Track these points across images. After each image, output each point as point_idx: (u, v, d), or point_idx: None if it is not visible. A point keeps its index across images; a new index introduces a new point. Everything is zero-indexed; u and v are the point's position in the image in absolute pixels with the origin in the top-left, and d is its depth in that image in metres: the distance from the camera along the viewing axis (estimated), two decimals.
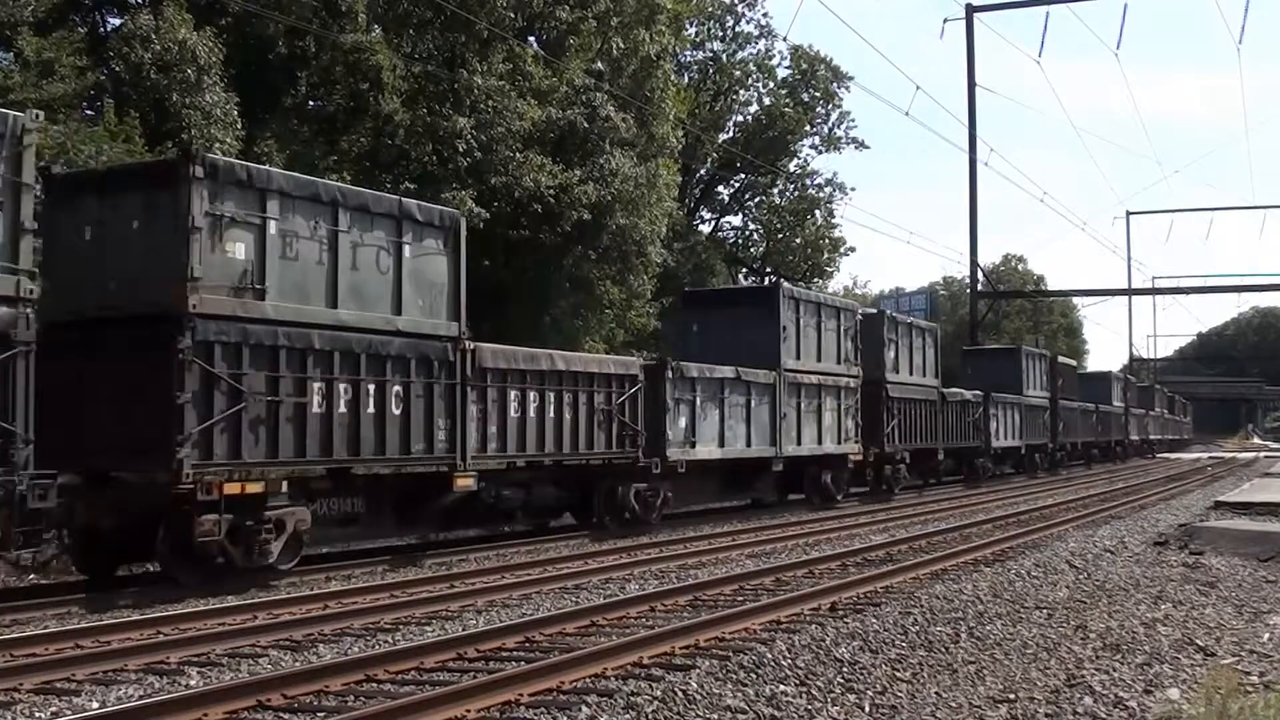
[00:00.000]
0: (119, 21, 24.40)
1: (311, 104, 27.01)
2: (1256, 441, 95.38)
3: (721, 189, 51.78)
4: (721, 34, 49.64)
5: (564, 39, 30.56)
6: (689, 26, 45.66)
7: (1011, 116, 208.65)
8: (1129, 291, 73.01)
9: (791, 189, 51.79)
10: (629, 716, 7.33)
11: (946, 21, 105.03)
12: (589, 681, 8.15)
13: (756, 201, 52.39)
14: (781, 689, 8.04)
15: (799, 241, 51.57)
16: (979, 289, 53.35)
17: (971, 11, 48.39)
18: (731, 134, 50.22)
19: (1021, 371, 41.55)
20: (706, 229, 51.27)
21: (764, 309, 24.51)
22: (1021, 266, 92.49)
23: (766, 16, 58.13)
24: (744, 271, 53.94)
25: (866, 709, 7.65)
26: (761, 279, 53.89)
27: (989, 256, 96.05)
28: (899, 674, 8.60)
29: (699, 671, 8.41)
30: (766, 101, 50.61)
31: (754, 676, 8.36)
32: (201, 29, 21.80)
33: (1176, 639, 10.18)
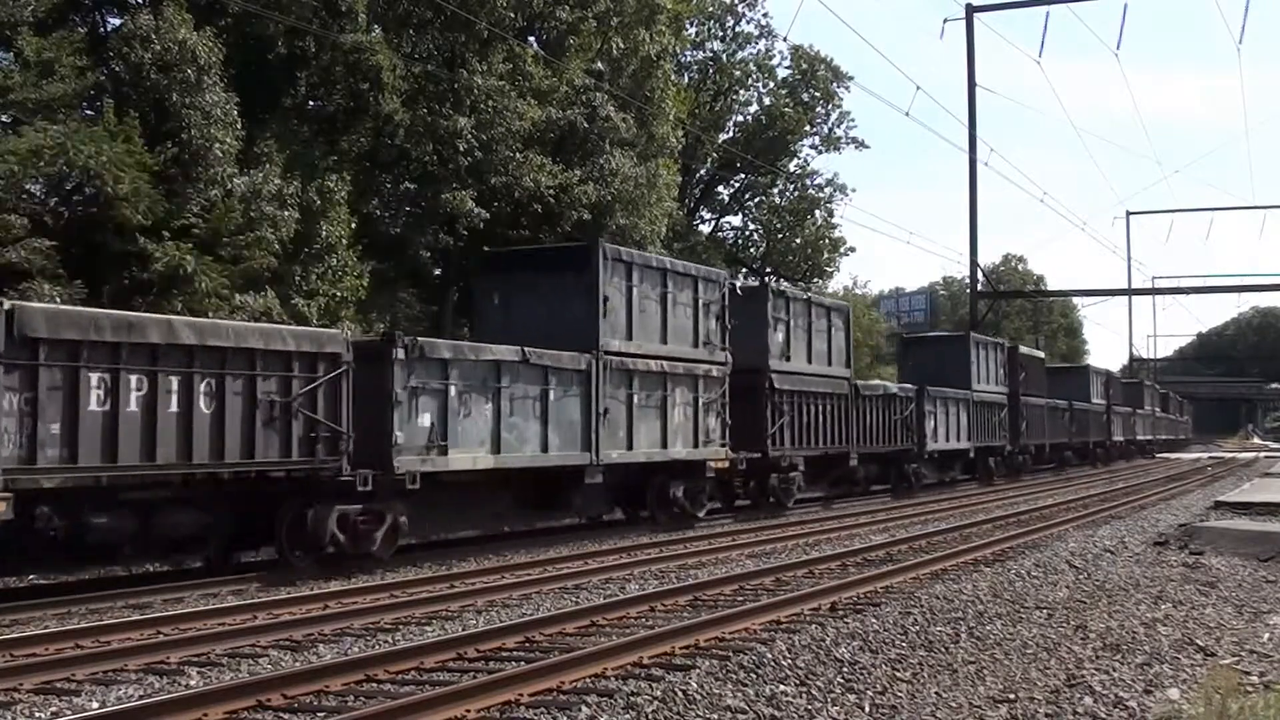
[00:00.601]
0: (119, 21, 24.37)
1: (311, 104, 27.01)
2: (1256, 441, 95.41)
3: (721, 189, 51.80)
4: (721, 34, 49.65)
5: (564, 39, 30.56)
6: (689, 26, 45.66)
7: (1011, 116, 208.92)
8: (1129, 291, 73.04)
9: (791, 189, 51.80)
10: (629, 716, 7.33)
11: (946, 21, 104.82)
12: (589, 681, 8.15)
13: (756, 201, 52.40)
14: (781, 689, 8.04)
15: (799, 242, 51.57)
16: (979, 289, 53.30)
17: (971, 11, 48.32)
18: (731, 134, 50.22)
19: (971, 362, 36.19)
20: (706, 229, 51.28)
21: (579, 274, 18.86)
22: (1021, 266, 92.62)
23: (766, 16, 58.05)
24: (744, 271, 53.92)
25: (866, 709, 7.65)
26: (761, 279, 53.90)
27: (989, 256, 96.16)
28: (899, 674, 8.60)
29: (699, 671, 8.41)
30: (766, 101, 50.62)
31: (754, 676, 8.37)
32: (201, 29, 21.79)
33: (1176, 639, 10.18)
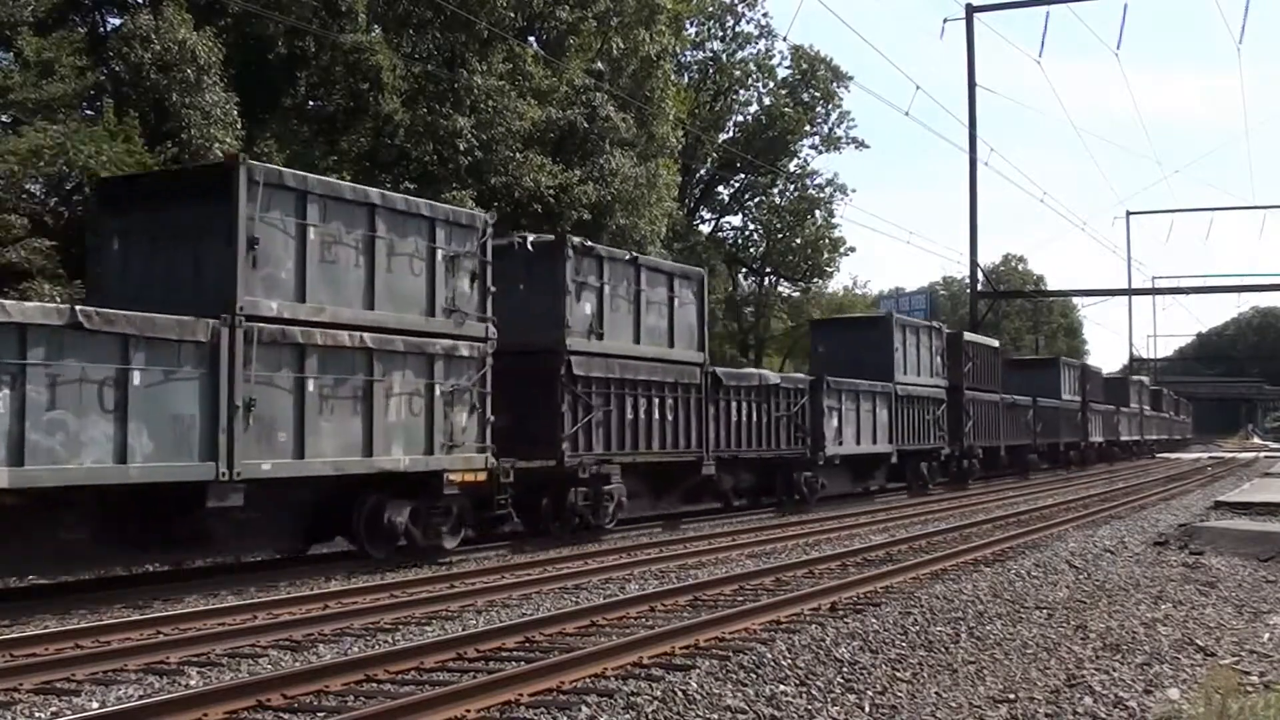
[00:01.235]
0: (119, 21, 24.41)
1: (311, 104, 27.03)
2: (1256, 441, 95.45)
3: (721, 189, 51.87)
4: (721, 34, 49.73)
5: (564, 39, 30.58)
6: (689, 26, 45.73)
7: (1011, 116, 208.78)
8: (1129, 291, 73.02)
9: (791, 189, 51.87)
10: (629, 716, 7.33)
11: (946, 21, 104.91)
12: (589, 681, 8.14)
13: (756, 201, 52.45)
14: (781, 689, 8.03)
15: (799, 242, 51.63)
16: (979, 289, 53.30)
17: (971, 11, 48.33)
18: (731, 134, 50.28)
19: (895, 349, 30.40)
20: (706, 229, 51.34)
21: (214, 208, 13.11)
22: (1021, 266, 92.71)
23: (766, 16, 58.19)
24: (743, 271, 54.02)
25: (866, 709, 7.65)
26: (761, 279, 54.05)
27: (989, 256, 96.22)
28: (899, 674, 8.59)
29: (699, 671, 8.41)
30: (766, 101, 50.70)
31: (754, 676, 8.36)
32: (201, 29, 21.81)
33: (1176, 639, 10.17)
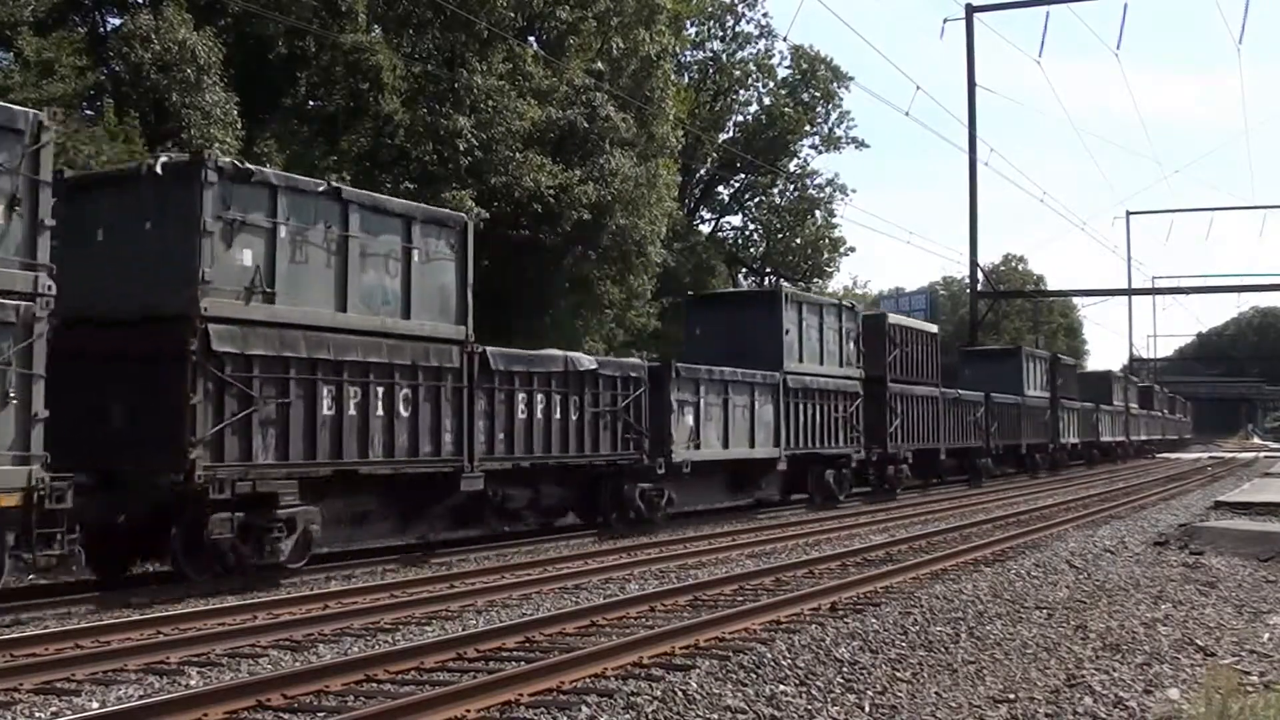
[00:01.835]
0: (119, 21, 24.41)
1: (311, 104, 27.02)
2: (1256, 441, 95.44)
3: (721, 189, 51.84)
4: (721, 34, 49.69)
5: (564, 39, 30.58)
6: (689, 26, 45.72)
7: (1011, 116, 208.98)
8: (1129, 291, 73.10)
9: (791, 189, 51.84)
10: (629, 716, 7.33)
11: (946, 21, 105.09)
12: (589, 681, 8.14)
13: (756, 201, 52.42)
14: (781, 689, 8.03)
15: (799, 242, 51.61)
16: (979, 289, 53.34)
17: (971, 11, 48.40)
18: (731, 134, 50.25)
19: (784, 333, 24.26)
20: (706, 229, 51.31)
21: None
22: (1021, 266, 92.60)
23: (766, 16, 58.24)
24: (743, 271, 53.98)
25: (866, 709, 7.64)
26: (761, 279, 54.00)
27: (989, 256, 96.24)
28: (899, 674, 8.59)
29: (699, 671, 8.41)
30: (766, 101, 50.66)
31: (754, 676, 8.36)
32: (201, 29, 21.81)
33: (1176, 639, 10.17)
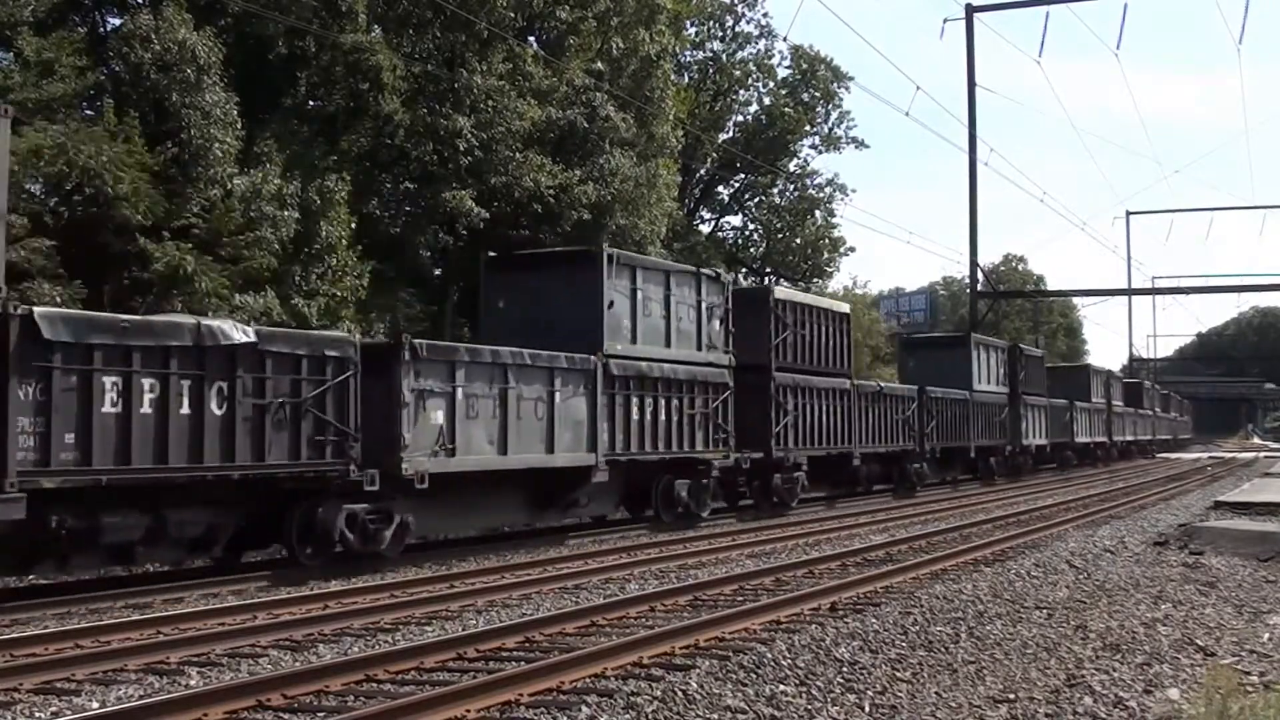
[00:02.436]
0: (119, 21, 24.39)
1: (311, 104, 27.01)
2: (1256, 441, 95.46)
3: (721, 189, 51.82)
4: (721, 34, 49.69)
5: (564, 39, 30.57)
6: (689, 26, 45.69)
7: (1011, 116, 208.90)
8: (1129, 291, 72.98)
9: (791, 189, 51.83)
10: (629, 716, 7.33)
11: (946, 21, 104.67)
12: (589, 681, 8.14)
13: (756, 201, 52.41)
14: (781, 689, 8.03)
15: (799, 242, 51.59)
16: (979, 289, 53.30)
17: (971, 11, 48.34)
18: (731, 134, 50.24)
19: (608, 305, 18.86)
20: (706, 229, 51.30)
21: None
22: (1021, 266, 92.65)
23: (766, 16, 58.09)
24: (743, 271, 53.95)
25: (866, 709, 7.65)
26: (761, 279, 54.00)
27: (989, 256, 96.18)
28: (899, 674, 8.59)
29: (699, 671, 8.41)
30: (766, 101, 50.65)
31: (754, 676, 8.36)
32: (201, 29, 21.79)
33: (1176, 639, 10.17)
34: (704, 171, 48.71)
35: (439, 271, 30.22)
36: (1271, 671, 8.90)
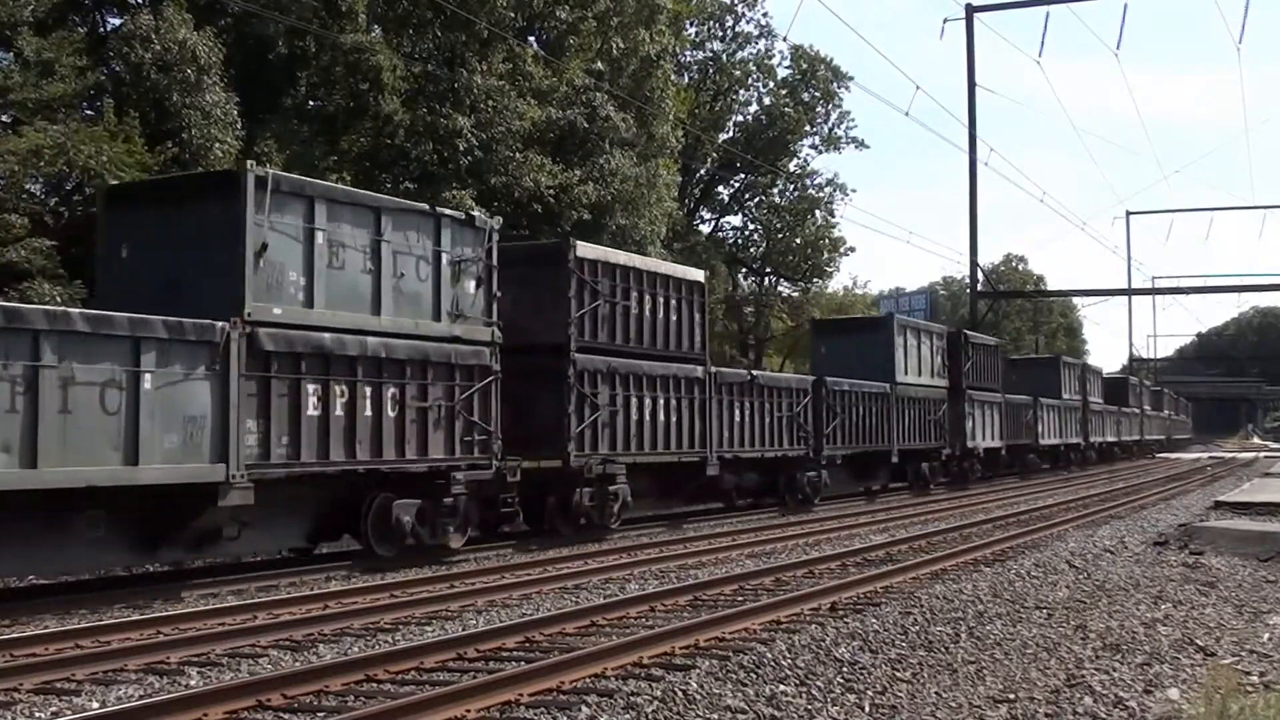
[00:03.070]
0: (119, 21, 24.40)
1: (311, 104, 27.02)
2: (1256, 441, 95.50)
3: (721, 189, 51.85)
4: (721, 34, 49.72)
5: (564, 39, 30.58)
6: (689, 26, 45.72)
7: (1011, 116, 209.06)
8: (1129, 291, 73.00)
9: (791, 189, 51.85)
10: (629, 716, 7.33)
11: (946, 21, 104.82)
12: (589, 681, 8.14)
13: (756, 201, 52.43)
14: (781, 689, 8.03)
15: (799, 241, 51.60)
16: (979, 289, 53.28)
17: (971, 11, 48.33)
18: (731, 134, 50.27)
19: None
20: (706, 229, 51.33)
21: None
22: (1022, 266, 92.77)
23: (766, 16, 58.33)
24: (743, 271, 54.02)
25: (866, 709, 7.65)
26: (760, 279, 54.07)
27: (989, 256, 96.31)
28: (899, 674, 8.59)
29: (699, 671, 8.41)
30: (766, 101, 50.68)
31: (754, 676, 8.36)
32: (201, 29, 21.81)
33: (1176, 639, 10.17)
34: (704, 171, 48.73)
35: None
36: (1271, 671, 8.90)
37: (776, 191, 51.71)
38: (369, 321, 14.51)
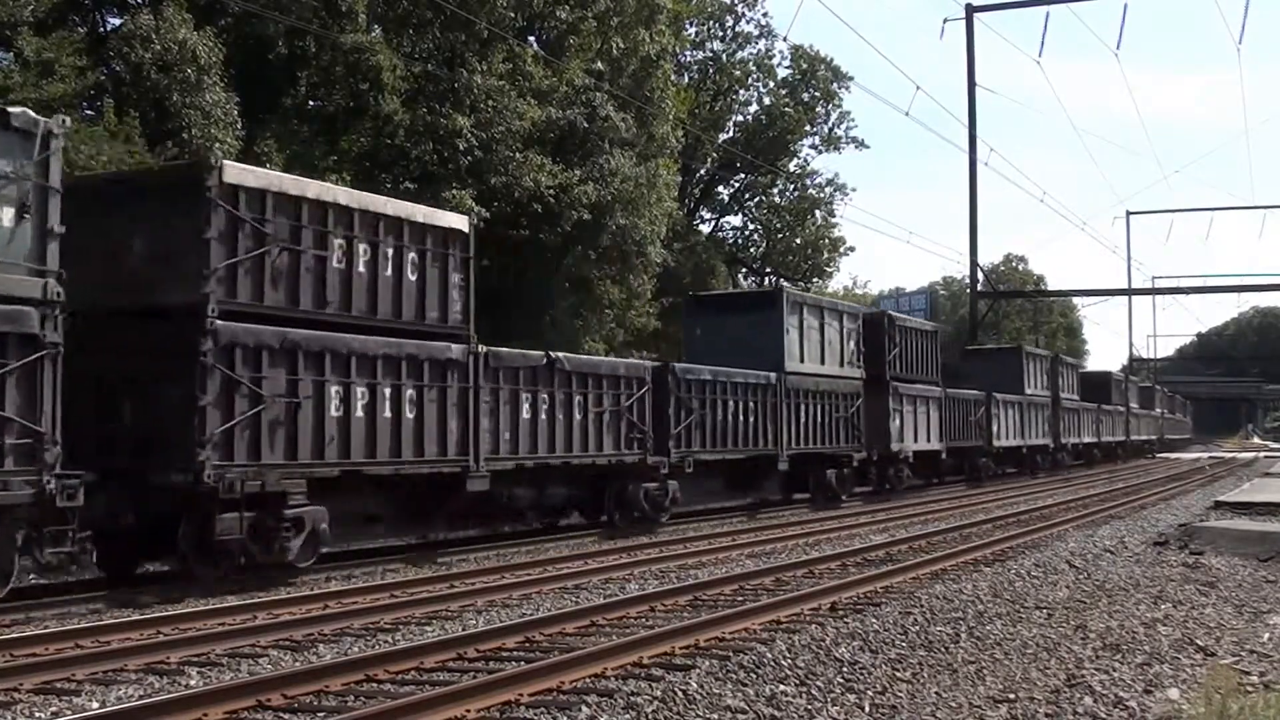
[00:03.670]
0: (119, 21, 24.42)
1: (311, 104, 27.03)
2: (1256, 441, 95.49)
3: (721, 189, 51.86)
4: (721, 34, 49.72)
5: (564, 39, 30.58)
6: (689, 26, 45.72)
7: (1011, 116, 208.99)
8: (1129, 291, 73.08)
9: (791, 189, 51.87)
10: (629, 716, 7.33)
11: (946, 21, 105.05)
12: (589, 681, 8.14)
13: (756, 201, 52.44)
14: (781, 689, 8.03)
15: (799, 242, 51.64)
16: (979, 289, 53.31)
17: (971, 11, 48.40)
18: (731, 134, 50.26)
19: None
20: (706, 229, 51.33)
21: None
22: (1022, 266, 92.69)
23: (766, 16, 58.34)
24: (743, 271, 54.01)
25: (866, 709, 7.64)
26: (761, 279, 54.05)
27: (989, 256, 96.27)
28: (899, 674, 8.59)
29: (699, 671, 8.41)
30: (766, 101, 50.68)
31: (754, 676, 8.36)
32: (201, 29, 21.82)
33: (1176, 639, 10.17)
34: (704, 171, 48.73)
35: None
36: (1271, 671, 8.89)
37: (776, 191, 51.74)
38: None
